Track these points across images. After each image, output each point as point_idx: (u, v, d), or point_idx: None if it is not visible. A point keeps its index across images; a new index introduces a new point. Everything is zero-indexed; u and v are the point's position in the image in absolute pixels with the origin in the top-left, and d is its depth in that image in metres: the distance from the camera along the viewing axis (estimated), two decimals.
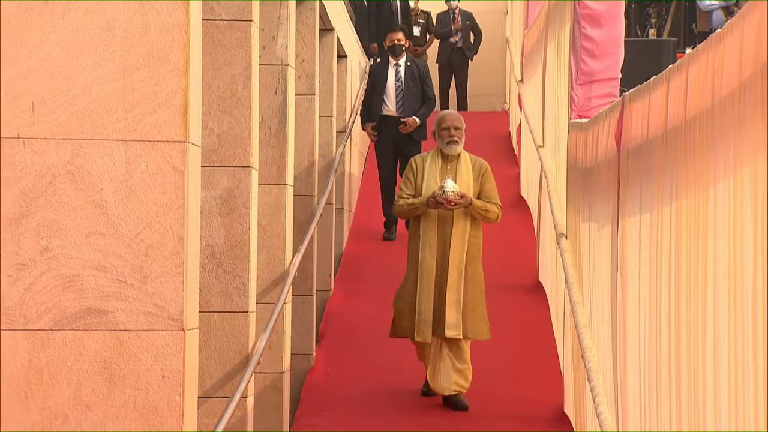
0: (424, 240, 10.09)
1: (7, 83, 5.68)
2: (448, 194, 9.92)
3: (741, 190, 4.23)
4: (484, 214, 10.13)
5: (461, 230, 10.09)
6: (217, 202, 8.06)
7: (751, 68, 4.03)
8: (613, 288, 7.16)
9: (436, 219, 10.09)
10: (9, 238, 5.66)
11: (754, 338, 4.02)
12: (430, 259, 10.05)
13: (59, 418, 5.66)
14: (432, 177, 10.17)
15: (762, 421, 3.94)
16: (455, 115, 10.52)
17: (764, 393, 3.91)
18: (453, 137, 10.25)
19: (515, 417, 10.17)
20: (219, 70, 8.00)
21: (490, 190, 10.24)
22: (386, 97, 14.63)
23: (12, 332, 5.65)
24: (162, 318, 5.70)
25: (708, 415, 4.68)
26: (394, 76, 14.63)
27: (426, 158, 10.36)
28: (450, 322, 9.97)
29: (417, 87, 14.56)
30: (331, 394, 10.95)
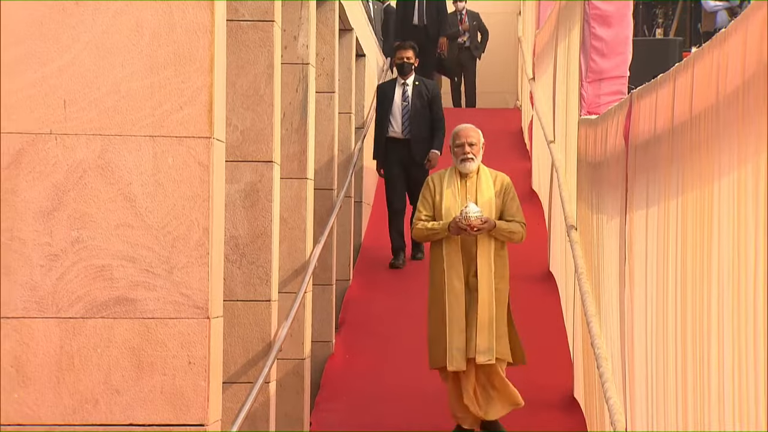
0: (449, 263, 9.22)
1: (39, 81, 5.69)
2: (471, 219, 9.11)
3: (744, 185, 4.22)
4: (509, 236, 9.32)
5: (486, 249, 9.25)
6: (241, 195, 8.07)
7: (755, 67, 4.02)
8: (621, 278, 7.16)
9: (459, 242, 9.25)
10: (42, 230, 5.67)
11: (755, 326, 4.02)
12: (458, 284, 9.20)
13: (90, 402, 5.67)
14: (450, 196, 9.33)
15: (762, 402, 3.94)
16: (470, 130, 9.57)
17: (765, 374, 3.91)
18: (467, 154, 9.38)
19: (526, 402, 10.16)
20: (242, 69, 8.00)
21: (514, 208, 9.41)
22: (392, 118, 13.54)
23: (45, 320, 5.67)
24: (188, 306, 5.71)
25: (713, 399, 4.68)
26: (401, 96, 13.55)
27: (444, 176, 9.46)
28: (481, 348, 9.14)
29: (425, 108, 13.48)
30: (350, 379, 10.96)
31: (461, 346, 9.09)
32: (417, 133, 13.43)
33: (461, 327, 9.12)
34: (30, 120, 5.68)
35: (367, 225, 15.03)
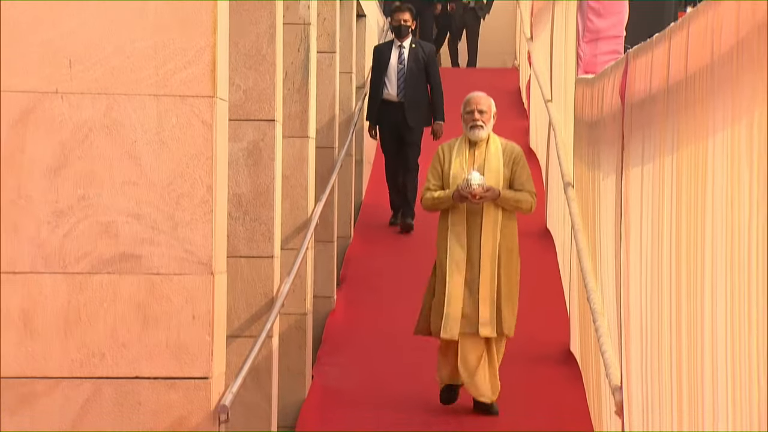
0: (452, 233, 8.88)
1: (46, 41, 5.69)
2: (474, 187, 8.73)
3: (738, 141, 4.23)
4: (515, 205, 8.95)
5: (492, 221, 8.89)
6: (244, 153, 8.07)
7: (748, 27, 4.03)
8: (617, 234, 7.17)
9: (465, 211, 8.89)
10: (48, 188, 5.68)
11: (749, 276, 4.03)
12: (459, 254, 8.83)
13: (96, 356, 5.69)
14: (459, 165, 8.98)
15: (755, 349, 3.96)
16: (480, 97, 9.22)
17: (759, 322, 3.92)
18: (476, 121, 9.03)
19: (524, 356, 10.20)
20: (245, 29, 7.99)
21: (523, 177, 9.03)
22: (387, 80, 13.17)
23: (52, 275, 5.68)
24: (192, 262, 5.73)
25: (707, 350, 4.70)
26: (396, 58, 13.16)
27: (453, 145, 9.12)
28: (484, 320, 8.80)
29: (421, 71, 13.13)
30: (351, 334, 10.99)
31: (457, 315, 8.79)
32: (412, 96, 13.09)
33: (459, 297, 8.81)
34: (36, 79, 5.68)
35: (367, 183, 15.04)
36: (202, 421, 5.72)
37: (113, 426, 5.68)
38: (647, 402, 6.07)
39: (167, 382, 5.71)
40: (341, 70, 12.67)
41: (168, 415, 5.70)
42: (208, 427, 5.72)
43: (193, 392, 5.71)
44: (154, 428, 5.69)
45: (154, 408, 5.70)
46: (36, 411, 5.67)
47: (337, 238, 11.99)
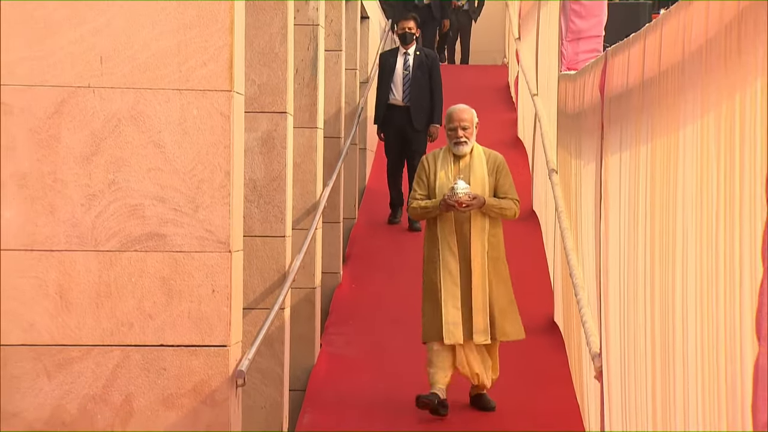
0: (443, 242, 8.37)
1: (79, 40, 5.69)
2: (459, 196, 8.22)
3: (707, 132, 4.23)
4: (500, 212, 8.43)
5: (479, 230, 8.38)
6: (258, 142, 8.07)
7: (716, 27, 4.02)
8: (596, 215, 7.17)
9: (453, 220, 8.37)
10: (82, 173, 5.68)
11: (716, 253, 4.04)
12: (452, 262, 8.35)
13: (125, 326, 5.70)
14: (444, 175, 8.44)
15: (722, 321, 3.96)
16: (463, 113, 8.59)
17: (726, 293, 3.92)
18: (460, 138, 8.48)
19: None
20: (260, 29, 7.99)
21: (507, 185, 8.52)
22: (393, 85, 12.67)
23: (85, 253, 5.69)
24: (212, 241, 5.73)
25: (677, 315, 4.71)
26: (402, 65, 12.67)
27: (438, 155, 8.56)
28: (478, 328, 8.32)
29: (425, 76, 12.62)
30: (356, 306, 11.00)
31: (457, 320, 8.29)
32: (417, 100, 12.69)
33: (457, 304, 8.30)
34: (71, 75, 5.68)
35: (370, 169, 15.03)
36: (221, 385, 5.72)
37: (140, 388, 5.69)
38: (624, 367, 6.08)
39: (189, 350, 5.72)
40: (347, 66, 12.66)
41: (190, 380, 5.71)
42: (226, 391, 5.73)
43: (213, 358, 5.72)
44: (177, 391, 5.70)
45: (177, 373, 5.71)
46: (71, 375, 5.68)
47: (343, 219, 11.99)
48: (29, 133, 5.67)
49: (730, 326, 3.86)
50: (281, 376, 8.08)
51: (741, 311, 3.72)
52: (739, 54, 3.78)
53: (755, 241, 3.52)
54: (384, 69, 12.76)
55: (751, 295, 3.57)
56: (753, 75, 3.63)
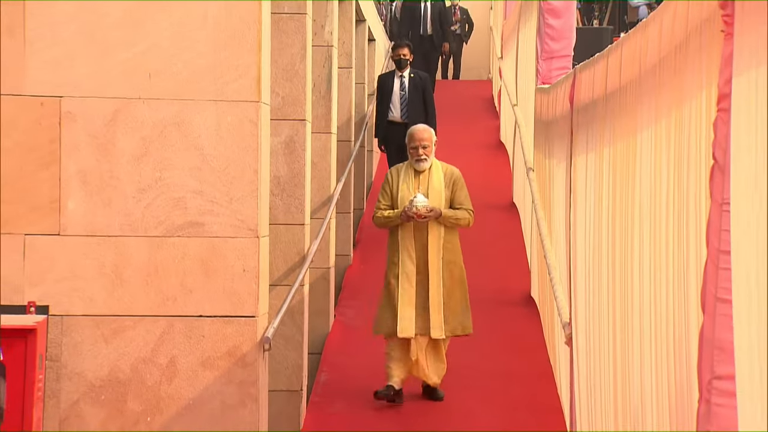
0: (403, 247, 7.97)
1: (130, 59, 5.69)
2: (419, 208, 7.84)
3: (660, 136, 4.24)
4: (455, 222, 8.00)
5: (436, 237, 7.96)
6: (282, 145, 8.07)
7: (668, 48, 4.02)
8: (567, 207, 7.18)
9: (413, 228, 7.97)
10: (133, 171, 5.69)
11: (666, 237, 4.04)
12: (410, 265, 7.94)
13: (170, 300, 5.71)
14: (406, 188, 8.03)
15: (671, 292, 3.97)
16: (423, 132, 8.13)
17: (674, 271, 3.93)
18: (421, 156, 8.02)
19: (495, 300, 10.21)
20: (283, 50, 7.99)
21: (462, 197, 8.07)
22: (392, 105, 12.17)
23: (136, 238, 5.70)
24: (243, 228, 5.74)
25: (635, 290, 4.72)
26: (399, 86, 12.19)
27: (401, 170, 8.15)
28: (435, 324, 7.90)
29: (419, 95, 12.15)
30: (365, 283, 11.00)
31: (411, 316, 7.89)
32: (413, 117, 12.10)
33: (411, 302, 7.91)
34: (124, 88, 5.69)
35: (376, 167, 15.02)
36: (251, 350, 5.73)
37: (182, 352, 5.70)
38: (590, 334, 6.09)
39: (224, 320, 5.73)
40: (356, 81, 12.66)
41: (224, 345, 5.72)
42: (255, 354, 5.74)
43: (244, 327, 5.73)
44: (213, 354, 5.71)
45: (213, 339, 5.72)
46: (125, 340, 5.69)
47: (353, 209, 12.00)
48: (89, 138, 5.68)
49: (679, 300, 3.87)
50: (301, 342, 8.09)
51: (687, 288, 3.73)
52: (686, 71, 3.78)
53: (700, 228, 3.53)
54: (383, 90, 12.43)
55: (696, 274, 3.58)
56: (698, 88, 3.64)
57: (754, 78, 3.11)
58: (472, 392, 8.33)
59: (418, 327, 7.90)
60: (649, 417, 4.40)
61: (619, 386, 5.11)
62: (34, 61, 5.64)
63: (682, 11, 3.79)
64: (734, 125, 3.24)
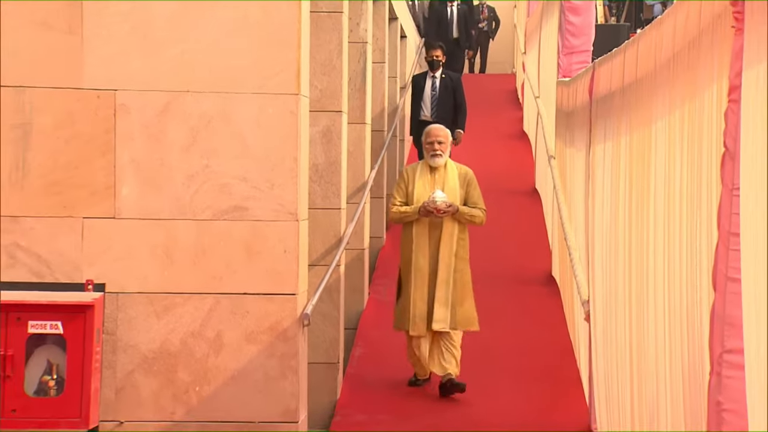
0: (417, 244, 7.73)
1: (179, 55, 5.71)
2: (438, 203, 7.61)
3: (673, 126, 4.22)
4: (470, 219, 7.71)
5: (450, 234, 7.70)
6: (320, 135, 8.08)
7: (681, 43, 4.00)
8: (586, 192, 7.16)
9: (427, 224, 7.71)
10: (182, 159, 5.71)
11: (679, 221, 4.03)
12: (422, 261, 7.69)
13: (216, 278, 5.73)
14: (421, 186, 7.77)
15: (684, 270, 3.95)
16: (439, 130, 7.92)
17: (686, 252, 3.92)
18: (436, 151, 7.79)
19: (518, 279, 10.20)
20: (321, 46, 7.99)
21: (475, 196, 7.79)
22: (423, 104, 12.00)
23: (185, 221, 5.72)
24: (284, 212, 5.75)
25: (649, 270, 4.70)
26: (430, 87, 11.98)
27: (416, 168, 7.91)
28: (438, 317, 7.63)
29: (450, 96, 11.94)
30: (396, 262, 10.98)
31: (423, 314, 7.65)
32: (443, 116, 11.89)
33: (424, 298, 7.66)
34: (174, 82, 5.70)
35: (407, 155, 15.02)
36: (291, 325, 5.75)
37: (228, 327, 5.72)
38: (607, 310, 6.08)
39: (266, 297, 5.74)
40: (389, 75, 12.64)
41: (267, 320, 5.74)
42: (295, 329, 5.76)
43: (285, 304, 5.74)
44: (257, 329, 5.73)
45: (257, 315, 5.74)
46: (175, 316, 5.72)
47: (386, 195, 12.00)
48: (142, 128, 5.71)
49: (691, 279, 3.86)
50: (338, 318, 8.12)
51: (699, 267, 3.72)
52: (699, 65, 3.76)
53: (712, 212, 3.51)
54: (415, 89, 12.31)
55: (708, 255, 3.56)
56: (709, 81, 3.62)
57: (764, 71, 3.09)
58: (496, 364, 8.34)
59: (429, 322, 7.64)
60: (663, 388, 4.39)
61: (635, 360, 5.10)
62: (91, 57, 5.67)
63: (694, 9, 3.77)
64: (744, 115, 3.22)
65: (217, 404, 5.69)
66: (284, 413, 5.70)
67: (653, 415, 4.61)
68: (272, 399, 5.69)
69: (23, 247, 5.65)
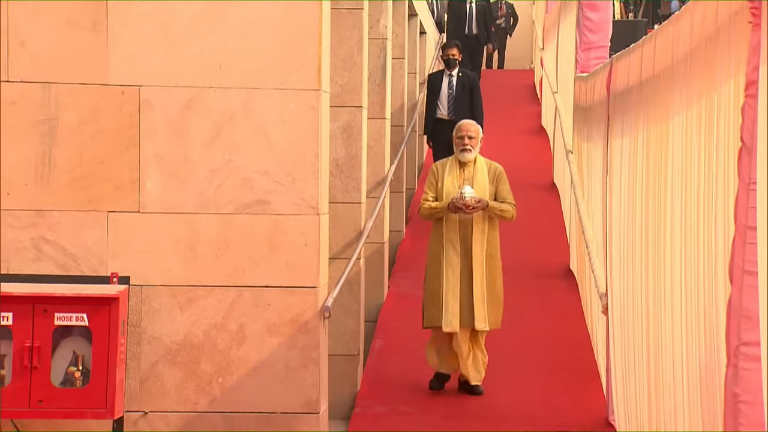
0: (447, 240, 7.52)
1: (203, 52, 5.73)
2: (467, 199, 7.40)
3: (690, 121, 4.21)
4: (500, 214, 7.54)
5: (480, 231, 7.52)
6: (340, 130, 8.10)
7: (698, 39, 4.00)
8: (603, 186, 7.15)
9: (457, 221, 7.52)
10: (205, 154, 5.73)
11: (697, 213, 4.02)
12: (454, 258, 7.49)
13: (239, 271, 5.75)
14: (451, 182, 7.58)
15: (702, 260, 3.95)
16: (470, 125, 7.75)
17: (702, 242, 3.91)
18: (466, 146, 7.60)
19: (536, 273, 10.19)
20: (341, 42, 8.00)
21: (505, 191, 7.60)
22: (440, 103, 11.73)
23: (208, 215, 5.74)
24: (305, 206, 5.76)
25: (667, 262, 4.70)
26: (447, 85, 11.73)
27: (446, 164, 7.71)
28: (479, 316, 7.47)
29: (466, 95, 11.68)
30: (415, 256, 11.02)
31: (456, 311, 7.45)
32: (460, 115, 11.52)
33: (456, 295, 7.46)
34: (197, 78, 5.72)
35: (426, 150, 15.02)
36: (312, 317, 5.77)
37: (250, 319, 5.74)
38: (625, 303, 6.07)
39: (288, 290, 5.76)
40: (408, 71, 12.65)
41: (288, 313, 5.76)
42: (316, 321, 5.77)
43: (306, 297, 5.76)
44: (278, 321, 5.75)
45: (279, 307, 5.76)
46: (198, 308, 5.75)
47: (406, 189, 12.01)
48: (166, 124, 5.73)
49: (708, 272, 3.85)
50: (358, 311, 8.13)
51: (716, 261, 3.72)
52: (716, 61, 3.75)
53: (729, 206, 3.51)
54: (432, 88, 12.03)
55: (725, 248, 3.56)
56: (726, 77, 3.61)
57: None
58: (515, 356, 8.34)
59: (462, 320, 7.49)
60: (680, 381, 4.39)
61: (652, 352, 5.10)
62: (116, 54, 5.69)
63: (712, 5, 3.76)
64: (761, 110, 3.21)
65: (240, 395, 5.71)
66: (305, 404, 5.72)
67: (670, 408, 4.61)
68: (293, 390, 5.71)
69: (50, 241, 5.68)
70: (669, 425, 4.65)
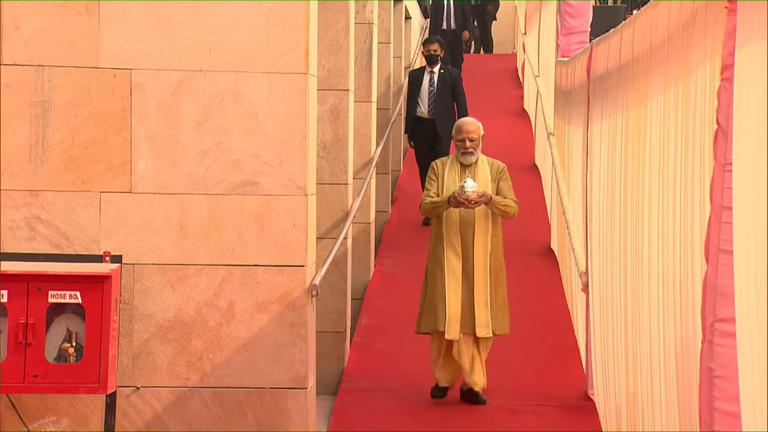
0: (448, 242, 7.00)
1: (193, 36, 5.70)
2: (468, 193, 6.86)
3: (667, 104, 4.21)
4: (504, 209, 7.01)
5: (483, 231, 6.99)
6: (327, 113, 8.07)
7: (676, 24, 3.99)
8: (583, 168, 7.15)
9: (458, 221, 7.00)
10: (196, 136, 5.71)
11: (673, 194, 4.03)
12: (455, 260, 6.97)
13: (228, 251, 5.74)
14: (451, 181, 7.06)
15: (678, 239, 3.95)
16: (471, 125, 7.16)
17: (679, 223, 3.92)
18: (468, 149, 7.07)
19: (519, 251, 10.20)
20: (328, 27, 7.97)
21: (505, 188, 7.10)
22: (420, 100, 11.19)
23: (198, 195, 5.73)
24: (293, 187, 5.75)
25: (644, 241, 4.71)
26: (428, 83, 11.18)
27: (446, 162, 7.19)
28: (481, 322, 6.94)
29: (448, 92, 11.11)
30: (401, 236, 11.03)
31: (458, 316, 6.94)
32: (440, 112, 11.08)
33: (459, 300, 6.95)
34: (187, 61, 5.70)
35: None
36: (300, 295, 5.76)
37: (240, 297, 5.73)
38: (604, 281, 6.09)
39: (276, 268, 5.75)
40: (394, 55, 12.62)
41: (277, 291, 5.75)
42: (304, 299, 5.77)
43: (294, 275, 5.75)
44: (267, 299, 5.74)
45: (268, 285, 5.75)
46: (189, 286, 5.74)
47: (391, 170, 11.99)
48: (157, 106, 5.70)
49: (684, 251, 3.86)
50: (345, 289, 8.13)
51: (693, 240, 3.72)
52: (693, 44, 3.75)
53: (705, 186, 3.51)
54: (412, 85, 11.36)
55: (701, 227, 3.56)
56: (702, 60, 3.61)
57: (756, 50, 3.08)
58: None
59: (463, 326, 6.98)
60: (657, 356, 4.40)
61: (630, 328, 5.11)
62: (108, 37, 5.66)
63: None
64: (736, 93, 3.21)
65: (230, 371, 5.71)
66: (294, 379, 5.72)
67: (647, 382, 4.63)
68: (282, 366, 5.71)
69: (43, 221, 5.66)
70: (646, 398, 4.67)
